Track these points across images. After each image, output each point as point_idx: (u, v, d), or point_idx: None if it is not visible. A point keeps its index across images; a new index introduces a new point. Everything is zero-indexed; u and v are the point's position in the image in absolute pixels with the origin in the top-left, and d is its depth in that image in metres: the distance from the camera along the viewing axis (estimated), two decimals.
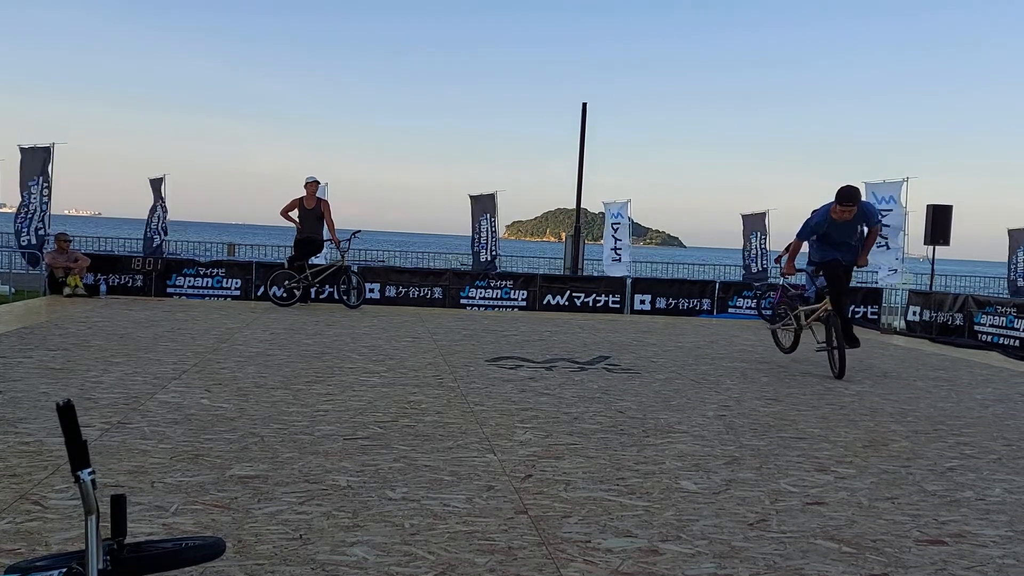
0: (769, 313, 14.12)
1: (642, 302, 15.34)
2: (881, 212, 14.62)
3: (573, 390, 6.94)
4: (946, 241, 14.97)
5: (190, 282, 14.20)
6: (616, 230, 18.81)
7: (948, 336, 13.07)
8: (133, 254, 18.64)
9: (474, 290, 14.91)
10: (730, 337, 11.76)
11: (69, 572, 1.79)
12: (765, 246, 19.16)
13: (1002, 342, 12.14)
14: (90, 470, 1.75)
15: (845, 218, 8.02)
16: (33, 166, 14.72)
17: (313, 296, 13.89)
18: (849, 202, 7.92)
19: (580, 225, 18.86)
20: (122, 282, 14.00)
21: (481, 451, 4.83)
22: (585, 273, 18.64)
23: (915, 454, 5.27)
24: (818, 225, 8.19)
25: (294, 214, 13.34)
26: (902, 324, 14.80)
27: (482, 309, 14.72)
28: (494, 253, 17.89)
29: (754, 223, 19.60)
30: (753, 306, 15.26)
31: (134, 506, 3.52)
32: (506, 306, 14.90)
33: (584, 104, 19.00)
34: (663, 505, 3.98)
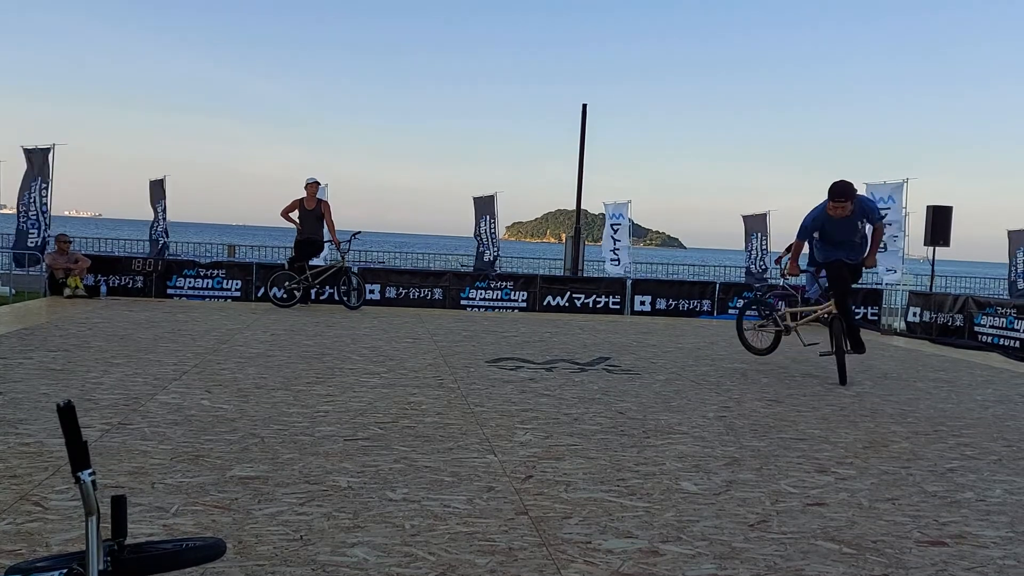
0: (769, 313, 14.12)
1: (642, 303, 15.34)
2: (882, 211, 14.64)
3: (573, 391, 6.94)
4: (946, 242, 14.97)
5: (190, 283, 14.21)
6: (616, 231, 18.82)
7: (948, 337, 13.07)
8: (133, 255, 18.64)
9: (474, 291, 14.92)
10: (730, 338, 11.75)
11: (70, 573, 1.79)
12: (766, 247, 19.17)
13: (1002, 343, 12.14)
14: (90, 471, 1.75)
15: (841, 215, 7.66)
16: (34, 167, 14.74)
17: (313, 297, 13.89)
18: (841, 198, 7.57)
19: (580, 226, 18.87)
20: (122, 283, 14.00)
21: (481, 452, 4.83)
22: (585, 274, 18.65)
23: (915, 455, 5.27)
24: (815, 221, 7.88)
25: (294, 215, 13.35)
26: (902, 325, 14.80)
27: (482, 310, 14.73)
28: (495, 254, 17.90)
29: (755, 224, 19.62)
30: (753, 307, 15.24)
31: (134, 507, 3.52)
32: (506, 307, 14.90)
33: (584, 105, 19.01)
34: (663, 506, 3.98)
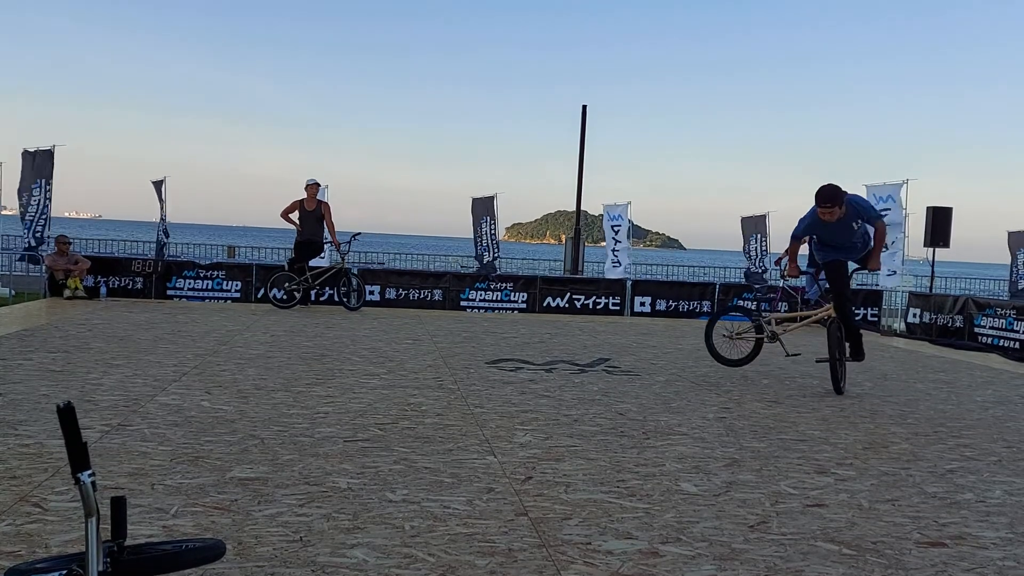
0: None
1: (642, 304, 15.34)
2: (882, 211, 14.62)
3: (573, 392, 6.94)
4: (946, 243, 14.97)
5: (190, 284, 14.20)
6: (616, 232, 18.81)
7: (948, 338, 13.08)
8: (133, 256, 18.64)
9: (474, 292, 14.92)
10: None
11: (69, 574, 1.79)
12: (765, 248, 19.16)
13: (1002, 344, 12.14)
14: (90, 472, 1.75)
15: (831, 219, 7.28)
16: (36, 169, 14.75)
17: (313, 298, 13.89)
18: (828, 203, 7.19)
19: (580, 227, 18.88)
20: (122, 284, 14.00)
21: (481, 453, 4.83)
22: (585, 275, 18.65)
23: (915, 456, 5.27)
24: (808, 228, 7.58)
25: (294, 216, 13.35)
26: (902, 326, 14.80)
27: (482, 311, 14.72)
28: (494, 255, 17.90)
29: (754, 225, 19.61)
30: (754, 308, 15.26)
31: (134, 508, 3.52)
32: (506, 308, 14.90)
33: (584, 106, 19.06)
34: (663, 507, 3.98)
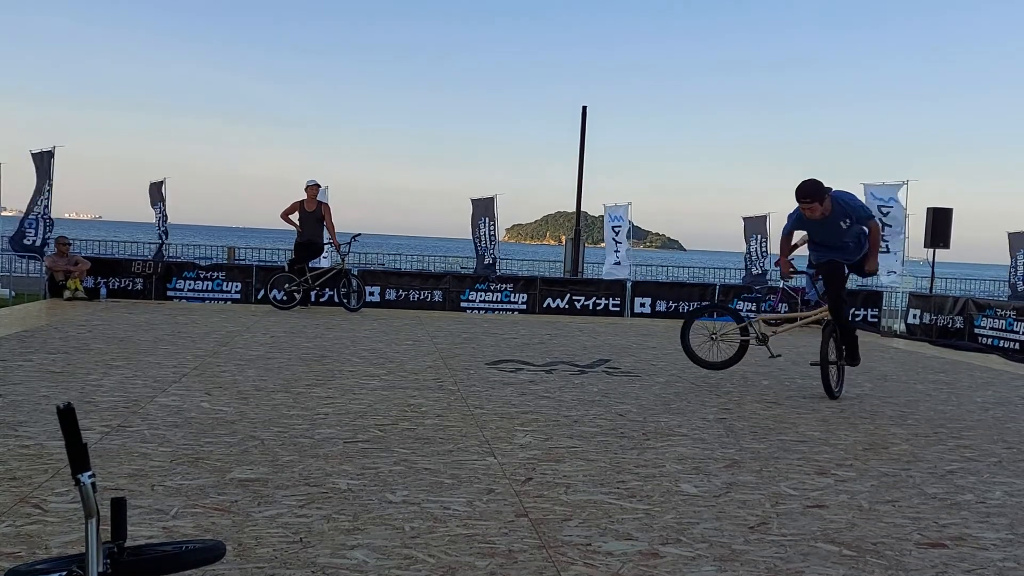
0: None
1: (642, 305, 15.34)
2: (882, 208, 14.61)
3: (573, 393, 6.94)
4: (946, 244, 14.97)
5: (190, 285, 14.21)
6: (616, 233, 18.81)
7: (948, 339, 13.07)
8: (133, 257, 18.64)
9: (474, 293, 14.92)
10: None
11: (69, 575, 1.79)
12: (766, 249, 19.16)
13: (1002, 345, 12.14)
14: (90, 473, 1.75)
15: (814, 216, 7.02)
16: (38, 170, 14.78)
17: (313, 299, 13.89)
18: (807, 198, 6.93)
19: (580, 228, 18.87)
20: (122, 285, 14.00)
21: (481, 454, 4.83)
22: (585, 276, 18.65)
23: (915, 457, 5.27)
24: (796, 222, 7.32)
25: (294, 217, 13.35)
26: (902, 327, 14.80)
27: (482, 312, 14.72)
28: (494, 256, 17.89)
29: (755, 226, 19.60)
30: (753, 309, 15.27)
31: (134, 509, 3.52)
32: (506, 309, 14.90)
33: (584, 107, 19.06)
34: (663, 508, 3.98)
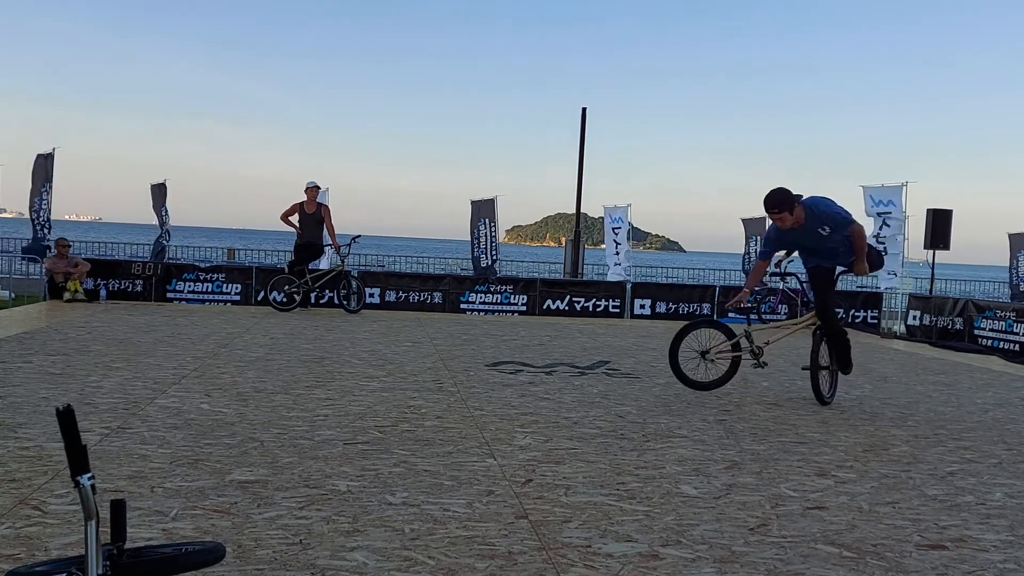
0: (770, 318, 14.13)
1: (642, 307, 15.33)
2: (881, 214, 14.61)
3: (573, 395, 6.94)
4: (946, 245, 14.97)
5: (190, 287, 14.20)
6: (616, 234, 18.82)
7: (948, 340, 13.07)
8: (133, 259, 18.65)
9: (474, 295, 14.92)
10: None
11: None
12: None
13: (1002, 346, 12.14)
14: (90, 475, 1.74)
15: (788, 226, 6.74)
16: (39, 172, 14.81)
17: (313, 301, 13.89)
18: (775, 209, 6.65)
19: (580, 230, 18.87)
20: (122, 287, 13.99)
21: (481, 456, 4.82)
22: (585, 278, 18.65)
23: (915, 458, 5.26)
24: (775, 240, 7.05)
25: (294, 219, 13.36)
26: (902, 328, 14.80)
27: (482, 314, 14.72)
28: (494, 258, 17.89)
29: (755, 227, 19.62)
30: (753, 304, 15.24)
31: (134, 511, 3.52)
32: (506, 311, 14.90)
33: (584, 109, 19.04)
34: (663, 510, 3.98)
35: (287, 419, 5.53)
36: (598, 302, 15.26)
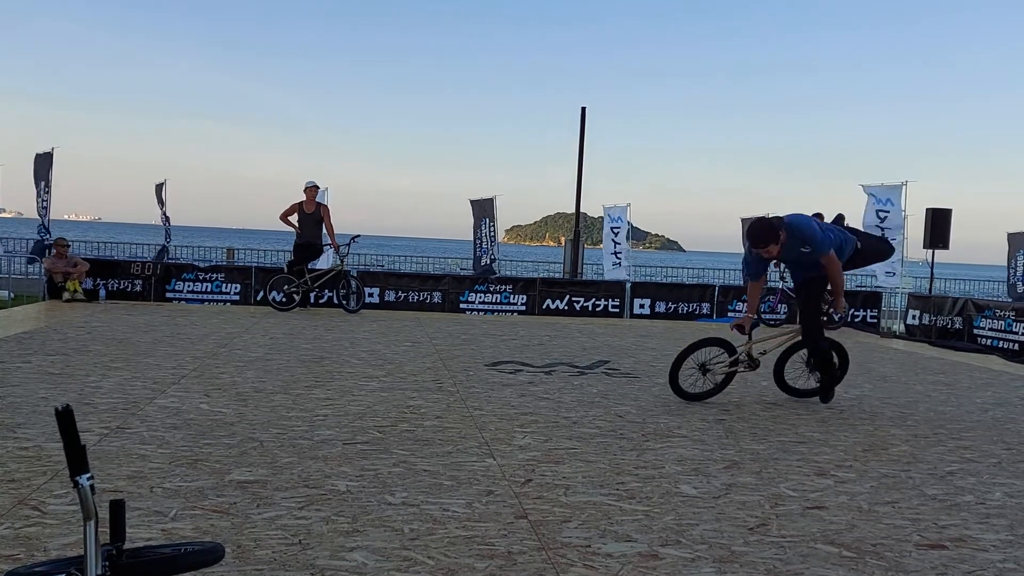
0: (769, 317, 14.12)
1: (641, 306, 15.34)
2: (880, 214, 14.60)
3: (572, 394, 6.94)
4: (945, 245, 14.97)
5: (189, 287, 14.20)
6: (616, 234, 18.80)
7: (947, 340, 13.08)
8: (133, 259, 18.64)
9: (473, 294, 14.91)
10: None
11: None
12: None
13: (1001, 346, 12.15)
14: (89, 475, 1.74)
15: (771, 257, 6.76)
16: (39, 172, 14.81)
17: (312, 301, 13.88)
18: (761, 244, 6.57)
19: (580, 229, 18.86)
20: (121, 287, 13.99)
21: (480, 456, 4.82)
22: (584, 277, 18.64)
23: (915, 458, 5.26)
24: (753, 263, 6.95)
25: (294, 219, 13.35)
26: (901, 328, 14.80)
27: (481, 313, 14.72)
28: (493, 257, 17.89)
29: None
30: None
31: (133, 511, 3.52)
32: (505, 310, 14.90)
33: (583, 109, 19.00)
34: (663, 509, 3.98)
35: (286, 419, 5.52)
36: (597, 302, 15.26)
